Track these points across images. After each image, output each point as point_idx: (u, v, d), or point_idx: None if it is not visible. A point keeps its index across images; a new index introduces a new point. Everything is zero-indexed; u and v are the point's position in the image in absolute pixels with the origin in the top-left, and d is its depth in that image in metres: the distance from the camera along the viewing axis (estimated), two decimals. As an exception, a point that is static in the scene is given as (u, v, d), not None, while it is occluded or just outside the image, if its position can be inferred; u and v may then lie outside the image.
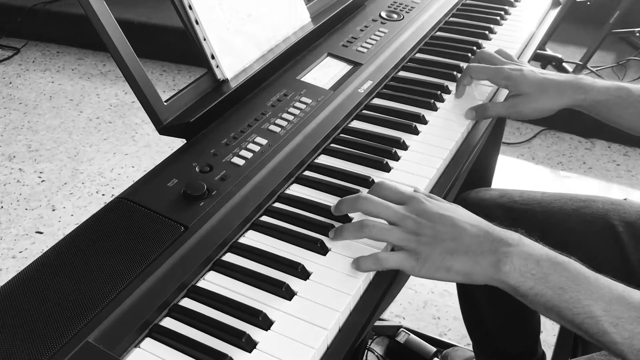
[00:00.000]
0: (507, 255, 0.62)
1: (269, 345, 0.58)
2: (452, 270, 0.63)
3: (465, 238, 0.64)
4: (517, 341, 1.23)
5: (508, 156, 2.26)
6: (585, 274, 0.61)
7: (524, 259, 0.62)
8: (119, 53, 0.75)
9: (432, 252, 0.63)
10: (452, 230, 0.64)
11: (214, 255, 0.67)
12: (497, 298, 1.17)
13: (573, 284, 0.60)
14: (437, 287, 1.74)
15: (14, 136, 2.43)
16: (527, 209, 1.01)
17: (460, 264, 0.63)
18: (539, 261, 0.62)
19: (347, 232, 0.68)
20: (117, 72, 2.78)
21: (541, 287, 0.61)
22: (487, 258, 0.63)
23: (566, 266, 0.61)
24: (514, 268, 0.61)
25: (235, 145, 0.79)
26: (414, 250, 0.64)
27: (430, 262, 0.63)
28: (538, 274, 0.61)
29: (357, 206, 0.69)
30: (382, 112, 0.93)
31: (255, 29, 0.93)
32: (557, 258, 0.62)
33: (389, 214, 0.67)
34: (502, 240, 0.63)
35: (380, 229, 0.66)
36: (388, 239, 0.66)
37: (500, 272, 0.62)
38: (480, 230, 0.65)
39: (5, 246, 1.89)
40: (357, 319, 0.63)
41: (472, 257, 0.63)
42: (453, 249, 0.63)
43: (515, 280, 0.62)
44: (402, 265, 0.65)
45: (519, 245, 0.63)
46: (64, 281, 0.61)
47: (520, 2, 1.27)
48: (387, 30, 1.09)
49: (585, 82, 0.88)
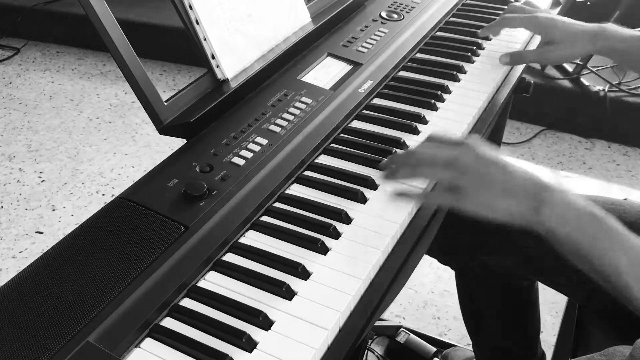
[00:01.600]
0: (550, 202, 0.65)
1: (269, 345, 0.58)
2: (496, 209, 0.67)
3: (513, 180, 0.67)
4: (517, 341, 1.23)
5: (508, 156, 2.26)
6: (619, 230, 0.64)
7: (564, 206, 0.65)
8: (119, 53, 0.75)
9: (479, 191, 0.67)
10: (501, 173, 0.67)
11: (214, 255, 0.67)
12: (497, 298, 1.17)
13: (606, 237, 0.63)
14: (437, 287, 1.74)
15: (14, 136, 2.43)
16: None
17: (504, 204, 0.66)
18: (578, 210, 0.64)
19: (401, 174, 0.73)
20: (117, 72, 2.78)
21: (576, 235, 0.64)
22: (530, 201, 0.66)
23: (603, 220, 0.64)
24: (554, 213, 0.64)
25: (235, 145, 0.79)
26: (462, 188, 0.68)
27: (477, 199, 0.67)
28: (575, 222, 0.64)
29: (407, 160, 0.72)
30: (382, 112, 0.93)
31: (255, 29, 0.93)
32: (596, 211, 0.65)
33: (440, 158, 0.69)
34: (547, 186, 0.66)
35: (432, 170, 0.70)
36: (440, 177, 0.70)
37: (540, 215, 0.65)
38: (528, 175, 0.67)
39: (5, 246, 1.89)
40: (357, 319, 0.63)
41: (516, 199, 0.66)
42: (499, 190, 0.67)
43: (553, 224, 0.64)
44: (450, 201, 0.69)
45: (563, 193, 0.65)
46: (64, 281, 0.61)
47: (521, 1, 1.27)
48: (387, 30, 1.09)
49: (608, 31, 0.94)
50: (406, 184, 0.78)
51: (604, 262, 0.63)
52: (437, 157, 0.70)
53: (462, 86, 1.00)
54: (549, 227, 0.65)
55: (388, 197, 0.77)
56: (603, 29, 0.95)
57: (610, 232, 0.63)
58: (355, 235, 0.71)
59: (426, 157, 0.71)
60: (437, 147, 0.71)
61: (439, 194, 0.72)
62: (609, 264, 0.63)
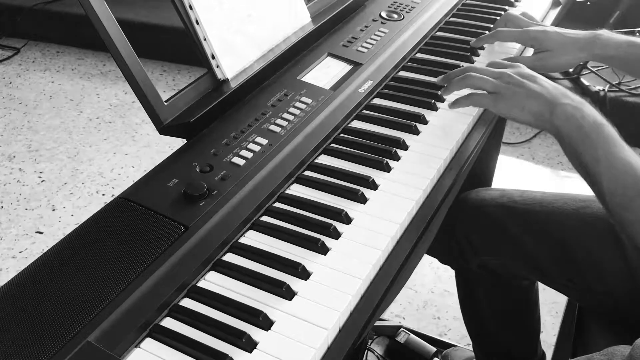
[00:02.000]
0: (564, 105, 0.79)
1: (269, 345, 0.58)
2: (525, 110, 0.82)
3: (541, 88, 0.82)
4: (517, 341, 1.23)
5: (508, 156, 2.26)
6: (612, 135, 0.76)
7: (574, 110, 0.78)
8: (119, 53, 0.75)
9: (514, 95, 0.82)
10: (535, 83, 0.82)
11: (214, 255, 0.67)
12: (497, 298, 1.17)
13: (597, 136, 0.75)
14: (437, 287, 1.74)
15: (14, 136, 2.43)
16: (528, 209, 1.01)
17: (532, 105, 0.81)
18: (584, 116, 0.77)
19: (454, 85, 0.90)
20: (117, 72, 2.78)
21: (575, 133, 0.77)
22: (548, 103, 0.80)
23: (602, 127, 0.76)
24: (564, 114, 0.78)
25: (235, 145, 0.79)
26: (500, 93, 0.83)
27: (511, 102, 0.82)
28: (578, 124, 0.77)
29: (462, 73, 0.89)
30: (382, 112, 0.93)
31: (255, 29, 0.93)
32: (600, 120, 0.77)
33: (488, 72, 0.87)
34: (568, 96, 0.80)
35: (479, 78, 0.86)
36: (484, 85, 0.86)
37: (553, 115, 0.79)
38: (556, 87, 0.82)
39: (5, 246, 1.89)
40: (357, 319, 0.63)
41: (539, 100, 0.80)
42: (530, 94, 0.81)
43: (560, 123, 0.78)
44: (487, 103, 0.85)
45: (578, 104, 0.79)
46: (64, 281, 0.61)
47: (520, 2, 1.27)
48: (387, 30, 1.09)
49: (601, 38, 0.96)
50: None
51: (588, 154, 0.75)
52: (487, 70, 0.87)
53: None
54: (557, 125, 0.78)
55: (389, 197, 0.77)
56: (597, 36, 0.96)
57: (603, 134, 0.75)
58: (355, 235, 0.71)
59: (478, 70, 0.88)
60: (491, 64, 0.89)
61: (483, 96, 0.86)
62: (591, 155, 0.75)
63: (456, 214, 1.08)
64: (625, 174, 0.73)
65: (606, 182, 0.74)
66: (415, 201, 0.76)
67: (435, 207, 0.78)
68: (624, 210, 0.73)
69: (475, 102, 0.87)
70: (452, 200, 1.05)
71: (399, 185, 0.79)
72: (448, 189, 0.81)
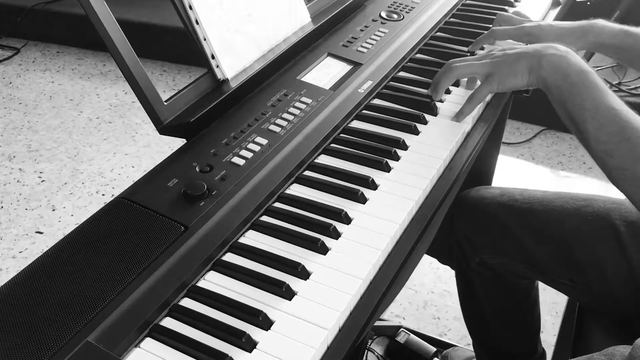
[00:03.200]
0: (551, 55, 0.80)
1: (269, 345, 0.58)
2: (518, 72, 0.83)
3: (526, 48, 0.84)
4: (518, 340, 1.23)
5: (508, 156, 2.26)
6: (597, 82, 0.76)
7: (560, 59, 0.79)
8: (119, 53, 0.75)
9: (503, 66, 0.84)
10: (517, 49, 0.85)
11: (214, 255, 0.67)
12: (497, 297, 1.17)
13: (582, 84, 0.77)
14: (437, 287, 1.75)
15: (14, 136, 2.43)
16: (528, 208, 1.01)
17: (522, 65, 0.82)
18: (570, 64, 0.78)
19: (441, 82, 0.91)
20: (117, 72, 2.78)
21: (561, 82, 0.78)
22: (537, 57, 0.81)
23: (587, 73, 0.77)
24: (551, 64, 0.80)
25: (235, 145, 0.79)
26: (491, 72, 0.85)
27: (504, 73, 0.84)
28: (564, 72, 0.78)
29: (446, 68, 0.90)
30: (382, 112, 0.93)
31: (255, 29, 0.93)
32: (586, 67, 0.78)
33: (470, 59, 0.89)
34: (554, 46, 0.82)
35: (464, 65, 0.88)
36: (472, 69, 0.88)
37: (540, 68, 0.81)
38: (541, 45, 0.84)
39: (5, 246, 1.89)
40: (357, 319, 0.63)
41: (528, 58, 0.82)
42: (516, 57, 0.84)
43: (546, 74, 0.80)
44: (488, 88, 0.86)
45: (564, 52, 0.80)
46: (64, 281, 0.61)
47: (520, 2, 1.27)
48: (387, 31, 1.09)
49: (596, 26, 0.97)
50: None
51: (574, 103, 0.76)
52: (470, 59, 0.89)
53: (462, 86, 1.00)
54: (544, 76, 0.80)
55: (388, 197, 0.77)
56: (592, 25, 0.97)
57: (588, 81, 0.76)
58: (355, 235, 0.71)
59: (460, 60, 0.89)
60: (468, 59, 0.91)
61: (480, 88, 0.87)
62: (577, 103, 0.76)
63: (456, 213, 1.08)
64: (610, 120, 0.74)
65: (591, 128, 0.75)
66: (415, 201, 0.76)
67: (435, 207, 0.78)
68: (609, 156, 0.74)
69: (478, 97, 0.88)
70: (451, 200, 1.05)
71: (399, 185, 0.79)
72: (448, 189, 0.81)
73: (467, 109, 0.89)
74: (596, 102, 0.75)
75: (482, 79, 0.88)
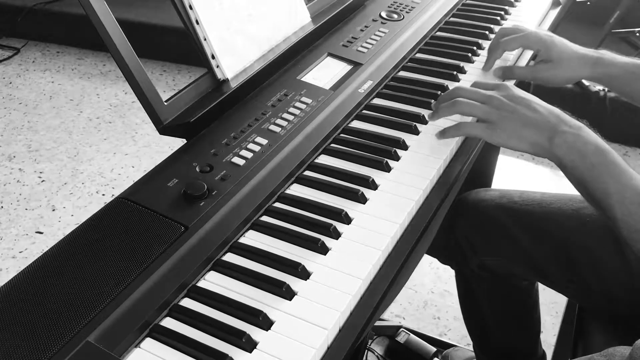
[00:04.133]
0: (563, 133, 0.76)
1: (269, 345, 0.58)
2: (523, 139, 0.78)
3: (536, 115, 0.78)
4: (518, 341, 1.23)
5: (508, 156, 2.26)
6: (617, 163, 0.73)
7: (574, 137, 0.75)
8: (119, 53, 0.75)
9: (510, 124, 0.78)
10: (528, 109, 0.78)
11: (214, 255, 0.67)
12: (497, 298, 1.17)
13: (603, 166, 0.73)
14: (437, 287, 1.75)
15: (14, 136, 2.43)
16: (527, 210, 1.01)
17: (529, 135, 0.77)
18: (586, 143, 0.74)
19: (442, 111, 0.85)
20: (117, 72, 2.78)
21: (579, 163, 0.74)
22: (547, 131, 0.76)
23: (606, 153, 0.74)
24: (565, 143, 0.75)
25: (235, 145, 0.79)
26: (494, 122, 0.79)
27: (507, 131, 0.78)
28: (581, 152, 0.74)
29: (451, 94, 0.85)
30: (382, 112, 0.93)
31: (255, 29, 0.93)
32: (603, 146, 0.75)
33: (478, 96, 0.82)
34: (565, 122, 0.77)
35: (469, 104, 0.82)
36: (475, 112, 0.81)
37: (553, 145, 0.76)
38: (551, 113, 0.78)
39: (5, 246, 1.89)
40: (357, 319, 0.63)
41: (537, 129, 0.77)
42: (526, 122, 0.78)
43: (562, 153, 0.75)
44: (482, 133, 0.80)
45: (577, 129, 0.76)
46: (64, 281, 0.61)
47: (520, 2, 1.27)
48: (387, 30, 1.09)
49: (606, 57, 0.94)
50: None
51: (596, 186, 0.73)
52: (476, 94, 0.82)
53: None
54: (558, 155, 0.76)
55: (388, 197, 0.77)
56: (601, 55, 0.94)
57: (608, 163, 0.73)
58: (355, 235, 0.71)
59: (466, 94, 0.83)
60: (477, 85, 0.85)
61: (474, 125, 0.82)
62: (600, 187, 0.73)
63: (456, 214, 1.08)
64: (638, 205, 0.71)
65: (620, 214, 0.71)
66: (415, 201, 0.76)
67: (435, 207, 0.78)
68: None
69: (467, 132, 0.83)
70: (452, 200, 1.05)
71: (399, 185, 0.79)
72: (448, 189, 0.81)
73: (451, 133, 0.84)
74: (621, 185, 0.72)
75: (481, 121, 0.82)
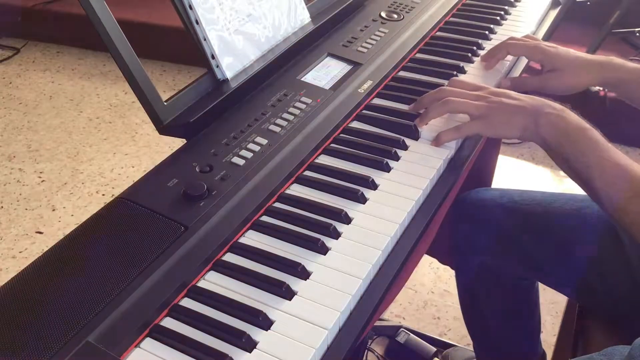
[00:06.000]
0: (547, 114, 0.79)
1: (269, 345, 0.58)
2: (513, 126, 0.81)
3: (522, 102, 0.82)
4: (518, 341, 1.23)
5: (508, 156, 2.26)
6: (598, 139, 0.76)
7: (558, 118, 0.78)
8: (119, 53, 0.75)
9: (499, 114, 0.82)
10: (512, 99, 0.83)
11: (214, 255, 0.67)
12: (497, 298, 1.17)
13: (584, 142, 0.76)
14: (437, 287, 1.75)
15: (14, 136, 2.43)
16: (527, 209, 1.01)
17: (518, 121, 0.81)
18: (568, 122, 0.78)
19: (433, 112, 0.86)
20: (117, 72, 2.78)
21: (562, 140, 0.77)
22: (533, 115, 0.80)
23: (586, 130, 0.77)
24: (549, 123, 0.78)
25: (235, 145, 0.79)
26: (485, 115, 0.82)
27: (498, 122, 0.82)
28: (564, 131, 0.77)
29: (438, 95, 0.86)
30: (382, 112, 0.93)
31: (255, 29, 0.93)
32: (584, 124, 0.78)
33: (465, 95, 0.85)
34: (549, 105, 0.80)
35: (460, 102, 0.84)
36: (467, 109, 0.84)
37: (538, 126, 0.79)
38: (535, 99, 0.82)
39: (5, 246, 1.89)
40: (357, 319, 0.63)
41: (526, 116, 0.80)
42: (514, 110, 0.81)
43: (546, 133, 0.78)
44: (478, 129, 0.83)
45: (560, 111, 0.79)
46: (64, 281, 0.61)
47: (520, 2, 1.27)
48: (387, 30, 1.09)
49: (615, 62, 0.94)
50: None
51: (578, 161, 0.75)
52: (462, 93, 0.85)
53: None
54: (544, 136, 0.78)
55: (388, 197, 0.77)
56: (610, 60, 0.93)
57: (589, 138, 0.76)
58: (355, 235, 0.71)
59: (453, 94, 0.85)
60: (460, 87, 0.87)
61: (471, 124, 0.84)
62: (582, 161, 0.75)
63: (456, 214, 1.08)
64: (617, 177, 0.73)
65: (600, 186, 0.74)
66: (415, 201, 0.76)
67: (435, 207, 0.78)
68: (623, 214, 0.73)
69: (465, 132, 0.84)
70: (452, 200, 1.05)
71: (399, 185, 0.79)
72: (448, 189, 0.81)
73: (448, 137, 0.84)
74: (601, 159, 0.74)
75: (473, 118, 0.84)
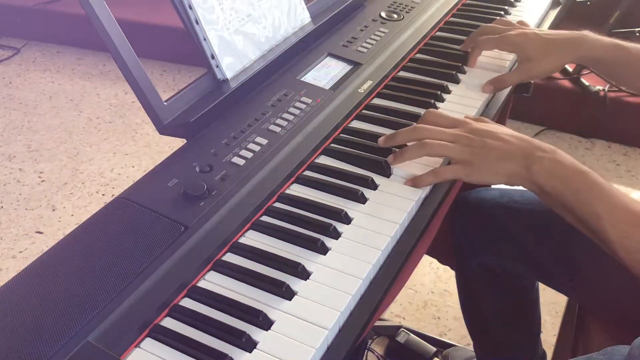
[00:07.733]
0: (540, 159, 0.72)
1: (269, 345, 0.58)
2: (500, 173, 0.75)
3: (508, 146, 0.75)
4: (518, 340, 1.24)
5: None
6: (600, 183, 0.70)
7: (553, 163, 0.72)
8: (119, 53, 0.75)
9: (484, 160, 0.75)
10: (499, 142, 0.75)
11: (214, 255, 0.67)
12: (497, 298, 1.17)
13: (587, 188, 0.70)
14: (437, 287, 1.75)
15: (14, 136, 2.43)
16: (528, 209, 1.01)
17: (505, 168, 0.74)
18: (565, 167, 0.71)
19: (409, 153, 0.79)
20: (117, 72, 2.78)
21: (562, 188, 0.71)
22: (523, 161, 0.73)
23: (586, 174, 0.71)
24: (544, 169, 0.72)
25: (235, 145, 0.79)
26: (468, 161, 0.75)
27: (483, 168, 0.75)
28: (562, 177, 0.71)
29: (414, 135, 0.79)
30: (382, 112, 0.93)
31: (255, 29, 0.93)
32: (581, 167, 0.72)
33: (444, 136, 0.77)
34: (539, 147, 0.74)
35: (440, 145, 0.76)
36: (447, 153, 0.77)
37: (531, 173, 0.72)
38: (522, 141, 0.75)
39: (5, 246, 1.89)
40: (357, 319, 0.63)
41: (512, 161, 0.74)
42: (500, 155, 0.74)
43: (542, 180, 0.72)
44: (458, 174, 0.76)
45: (552, 153, 0.73)
46: (64, 281, 0.61)
47: (520, 2, 1.27)
48: (387, 30, 1.09)
49: (587, 39, 0.92)
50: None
51: (584, 211, 0.70)
52: (441, 133, 0.77)
53: (461, 86, 1.00)
54: (538, 183, 0.72)
55: (388, 197, 0.77)
56: (583, 37, 0.92)
57: (592, 184, 0.70)
58: (355, 235, 0.71)
59: (431, 135, 0.78)
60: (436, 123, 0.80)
61: (450, 169, 0.77)
62: (589, 212, 0.69)
63: (456, 214, 1.08)
64: (632, 225, 0.67)
65: (615, 237, 0.68)
66: (415, 201, 0.76)
67: (435, 207, 0.78)
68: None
69: (445, 177, 0.78)
70: (452, 200, 1.05)
71: (399, 185, 0.79)
72: (448, 188, 0.81)
73: (424, 182, 0.77)
74: (611, 207, 0.68)
75: (454, 162, 0.77)
